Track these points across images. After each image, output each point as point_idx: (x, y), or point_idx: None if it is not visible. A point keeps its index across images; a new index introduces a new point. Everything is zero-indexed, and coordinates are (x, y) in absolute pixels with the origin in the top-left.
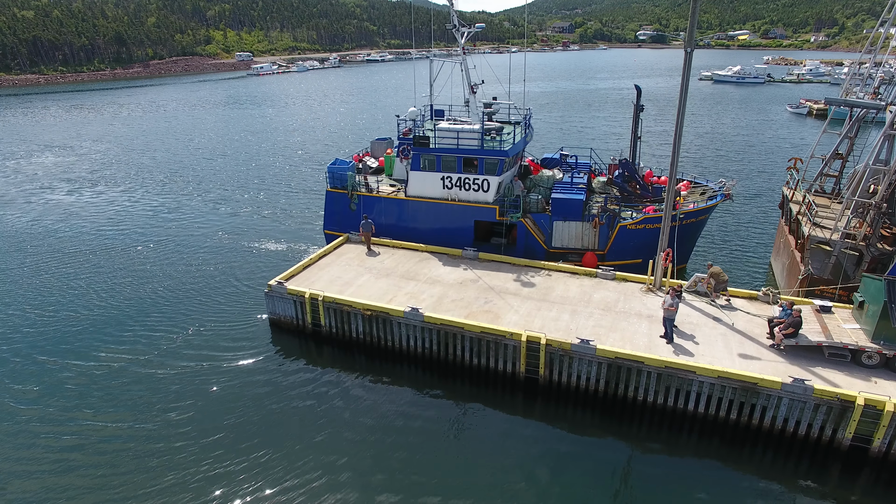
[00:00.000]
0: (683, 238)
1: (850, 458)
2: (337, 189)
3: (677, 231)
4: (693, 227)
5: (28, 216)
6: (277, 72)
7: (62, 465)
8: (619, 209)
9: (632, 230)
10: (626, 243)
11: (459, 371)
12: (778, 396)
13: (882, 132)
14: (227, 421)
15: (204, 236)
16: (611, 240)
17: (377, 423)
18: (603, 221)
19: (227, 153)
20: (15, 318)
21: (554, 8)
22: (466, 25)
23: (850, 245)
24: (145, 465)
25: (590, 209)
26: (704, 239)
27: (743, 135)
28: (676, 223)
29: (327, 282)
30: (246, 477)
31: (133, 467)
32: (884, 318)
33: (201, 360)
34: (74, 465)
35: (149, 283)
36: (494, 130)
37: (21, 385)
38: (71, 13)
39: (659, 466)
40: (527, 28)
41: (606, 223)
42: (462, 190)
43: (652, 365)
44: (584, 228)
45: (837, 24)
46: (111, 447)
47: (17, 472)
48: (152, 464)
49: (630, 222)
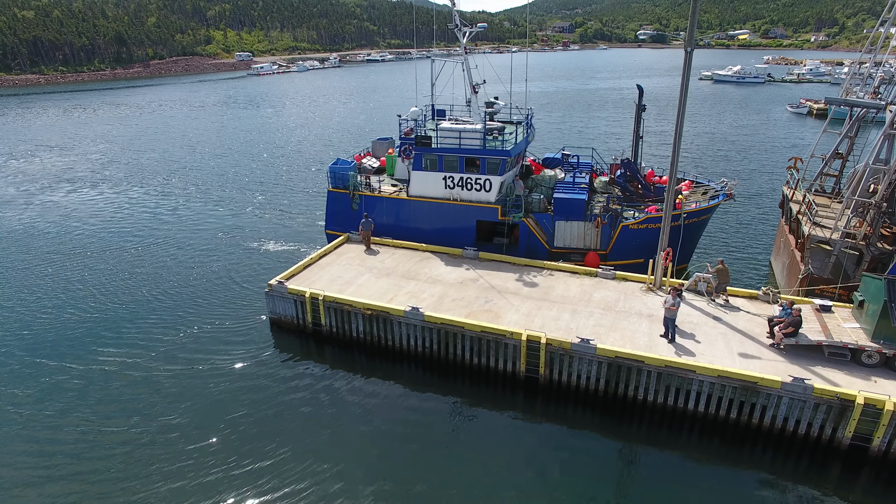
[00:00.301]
0: (686, 238)
1: (849, 457)
2: (339, 189)
3: (681, 231)
4: (695, 226)
5: (28, 216)
6: (277, 72)
7: (62, 469)
8: (622, 209)
9: (634, 230)
10: (629, 243)
11: (460, 370)
12: (778, 396)
13: (882, 131)
14: (226, 421)
15: (204, 236)
16: (613, 239)
17: (377, 422)
18: (605, 221)
19: (227, 153)
20: (14, 319)
21: (554, 8)
22: (468, 25)
23: (851, 244)
24: (146, 464)
25: (592, 209)
26: (705, 238)
27: (743, 135)
28: (679, 223)
29: (328, 281)
30: (247, 476)
31: (134, 467)
32: (884, 318)
33: (201, 359)
34: (75, 465)
35: (149, 283)
36: (497, 130)
37: (20, 387)
38: (71, 13)
39: (659, 465)
40: (528, 27)
41: (609, 223)
42: (464, 190)
43: (652, 364)
44: (586, 228)
45: (838, 23)
46: (112, 447)
47: (16, 478)
48: (153, 464)
49: (632, 222)
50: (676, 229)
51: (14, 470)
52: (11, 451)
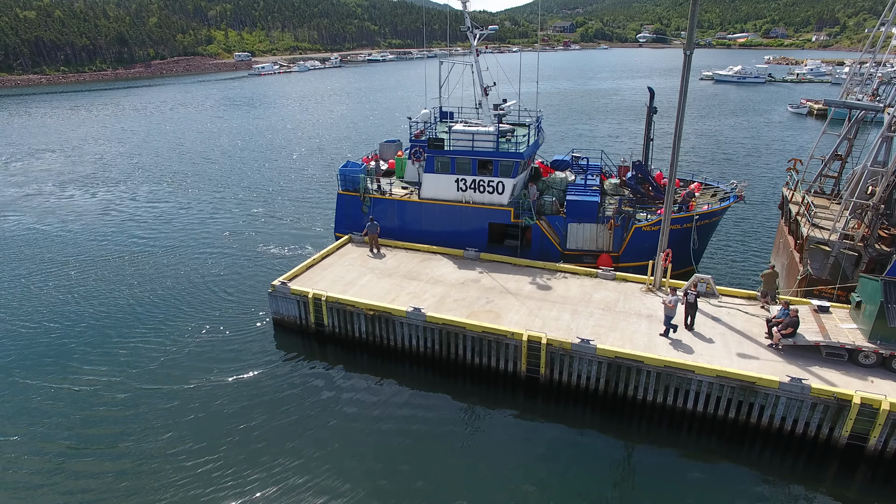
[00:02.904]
0: (699, 239)
1: (846, 456)
2: (349, 192)
3: (694, 233)
4: (707, 228)
5: (28, 217)
6: (279, 72)
7: (62, 473)
8: (634, 211)
9: (647, 232)
10: (641, 245)
11: (461, 370)
12: (776, 395)
13: (880, 133)
14: (227, 421)
15: (208, 237)
16: (625, 241)
17: (379, 421)
18: (618, 223)
19: (228, 154)
20: (14, 321)
21: (555, 7)
22: (479, 27)
23: (849, 246)
24: (147, 464)
25: (604, 211)
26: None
27: (743, 135)
28: (692, 225)
29: (330, 282)
30: (248, 475)
31: (135, 467)
32: (880, 318)
33: (204, 359)
34: (73, 467)
35: (151, 284)
36: (509, 132)
37: (19, 393)
38: (73, 13)
39: (658, 464)
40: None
41: (622, 225)
42: (476, 192)
43: (651, 364)
44: (599, 230)
45: (839, 23)
46: (112, 446)
47: (17, 479)
48: (154, 463)
49: (645, 224)
50: (688, 231)
51: (13, 471)
52: (7, 466)
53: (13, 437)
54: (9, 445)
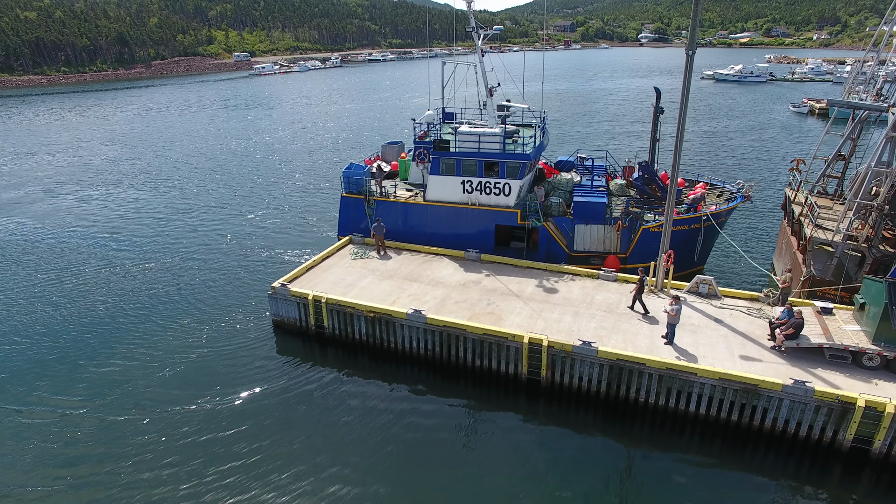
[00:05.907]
0: (704, 240)
1: (850, 460)
2: (352, 194)
3: (702, 234)
4: (713, 229)
5: (28, 218)
6: (279, 72)
7: (62, 475)
8: (642, 212)
9: (655, 233)
10: (649, 246)
11: (462, 373)
12: (779, 398)
13: (884, 134)
14: (226, 422)
15: (209, 238)
16: (633, 243)
17: (379, 424)
18: (626, 224)
19: (229, 154)
20: (13, 324)
21: (556, 7)
22: (484, 28)
23: (853, 247)
24: (147, 465)
25: (611, 212)
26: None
27: (745, 134)
28: (700, 225)
29: (331, 283)
30: (247, 478)
31: (136, 467)
32: (885, 320)
33: (203, 361)
34: (75, 466)
35: (151, 284)
36: (515, 133)
37: (19, 399)
38: (73, 14)
39: (660, 467)
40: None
41: (629, 226)
42: (482, 194)
43: (653, 366)
44: (606, 231)
45: (840, 21)
46: (113, 445)
47: (19, 480)
48: (154, 463)
49: (653, 225)
50: (696, 231)
51: (15, 472)
52: (6, 478)
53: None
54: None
